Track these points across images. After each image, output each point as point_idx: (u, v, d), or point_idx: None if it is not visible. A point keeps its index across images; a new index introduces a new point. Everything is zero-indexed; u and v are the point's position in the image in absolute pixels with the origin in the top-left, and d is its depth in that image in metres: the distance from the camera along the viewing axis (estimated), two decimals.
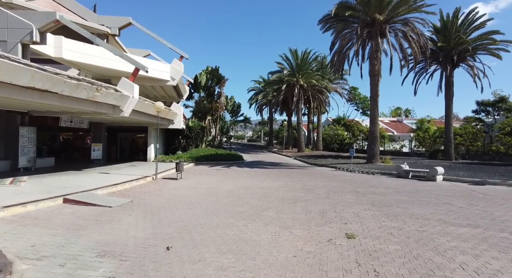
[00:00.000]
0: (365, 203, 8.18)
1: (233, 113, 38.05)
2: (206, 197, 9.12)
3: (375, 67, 18.92)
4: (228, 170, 17.03)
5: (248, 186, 11.22)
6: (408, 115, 68.51)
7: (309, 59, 31.82)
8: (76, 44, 15.58)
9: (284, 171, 17.17)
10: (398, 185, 11.68)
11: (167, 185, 11.50)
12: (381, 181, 13.07)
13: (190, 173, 15.55)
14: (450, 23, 21.13)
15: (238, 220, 6.40)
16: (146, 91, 25.30)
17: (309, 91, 32.18)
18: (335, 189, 10.64)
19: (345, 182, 12.64)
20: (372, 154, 19.58)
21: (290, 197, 9.15)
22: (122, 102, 12.66)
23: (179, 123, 21.38)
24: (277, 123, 76.47)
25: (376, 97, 19.38)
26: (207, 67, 31.26)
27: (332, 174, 15.60)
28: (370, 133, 19.94)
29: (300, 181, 12.89)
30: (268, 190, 10.35)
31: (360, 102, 42.24)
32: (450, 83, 22.52)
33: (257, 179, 13.43)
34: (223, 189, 10.51)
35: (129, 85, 12.93)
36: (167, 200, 8.67)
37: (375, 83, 19.17)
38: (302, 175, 15.25)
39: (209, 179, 13.16)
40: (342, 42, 19.15)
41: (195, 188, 10.81)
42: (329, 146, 37.44)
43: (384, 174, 15.43)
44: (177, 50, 21.30)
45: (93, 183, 10.51)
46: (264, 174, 15.50)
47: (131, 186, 11.00)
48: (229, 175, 14.87)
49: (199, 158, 21.52)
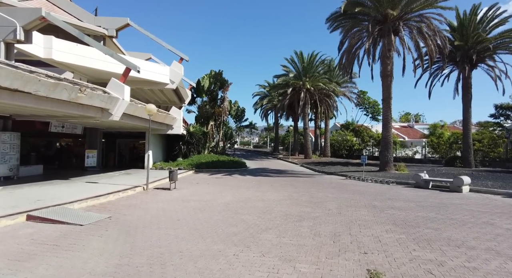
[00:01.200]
0: (386, 222, 6.79)
1: (237, 118, 36.93)
2: (197, 212, 7.85)
3: (388, 67, 17.56)
4: (228, 179, 15.76)
5: (248, 198, 9.92)
6: (418, 120, 66.43)
7: (315, 62, 30.60)
8: (68, 44, 14.70)
9: (290, 179, 15.81)
10: (419, 197, 10.21)
11: (157, 196, 10.28)
12: (399, 192, 11.60)
13: (186, 182, 14.33)
14: (468, 21, 19.68)
15: (228, 246, 5.10)
16: (146, 96, 24.39)
17: (316, 95, 30.87)
18: (347, 202, 9.24)
19: (358, 193, 11.22)
20: (385, 161, 18.07)
21: (295, 212, 7.81)
22: (111, 105, 11.59)
23: (178, 129, 20.28)
24: (283, 129, 75.09)
25: (389, 100, 17.97)
26: (211, 71, 30.34)
27: (343, 184, 14.18)
28: (383, 138, 18.47)
29: (307, 191, 11.52)
30: (270, 204, 9.03)
31: (370, 106, 40.63)
32: (468, 85, 20.96)
33: (259, 189, 12.11)
34: (219, 202, 9.23)
35: (119, 87, 11.87)
36: (152, 216, 7.43)
37: (387, 84, 17.79)
38: (309, 184, 13.87)
39: (205, 189, 11.91)
40: (352, 41, 17.88)
41: (188, 200, 9.56)
42: (337, 152, 35.88)
43: (400, 184, 13.94)
44: (177, 52, 20.36)
45: (73, 194, 9.36)
46: (268, 183, 14.18)
47: (116, 198, 9.81)
48: (229, 184, 13.59)
49: (199, 165, 20.33)
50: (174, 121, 19.95)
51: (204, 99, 30.06)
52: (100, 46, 11.97)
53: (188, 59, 20.55)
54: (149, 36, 19.96)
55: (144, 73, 18.21)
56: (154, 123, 17.61)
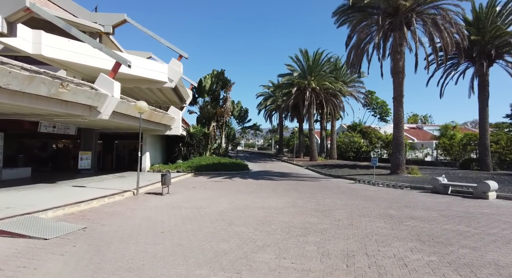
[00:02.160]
0: (408, 237, 5.66)
1: (240, 119, 35.90)
2: (186, 222, 6.81)
3: (399, 63, 16.38)
4: (228, 182, 14.71)
5: (246, 205, 8.85)
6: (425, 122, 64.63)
7: (321, 61, 29.46)
8: (59, 40, 13.87)
9: (294, 183, 14.69)
10: (440, 205, 9.02)
11: (146, 202, 9.28)
12: (415, 198, 10.40)
13: (182, 186, 13.33)
14: (485, 14, 18.39)
15: (214, 271, 4.05)
16: (145, 95, 23.54)
17: (321, 95, 29.71)
18: (359, 211, 8.11)
19: (369, 199, 10.06)
20: (397, 163, 16.84)
21: (298, 223, 6.72)
22: (99, 103, 10.67)
23: (177, 129, 19.33)
24: (288, 131, 73.93)
25: (401, 98, 16.76)
26: (213, 71, 29.43)
27: (352, 188, 13.01)
28: (394, 139, 17.25)
29: (312, 197, 10.40)
30: (271, 212, 7.94)
31: (378, 107, 39.23)
32: (484, 82, 19.63)
33: (260, 194, 11.03)
34: (213, 210, 8.18)
35: (108, 83, 10.96)
36: (133, 226, 6.42)
37: (399, 81, 16.59)
38: (315, 189, 12.74)
39: (201, 195, 10.87)
40: (360, 35, 16.75)
41: (179, 207, 8.53)
42: (343, 154, 34.57)
43: (415, 188, 12.72)
44: (176, 49, 19.47)
45: (52, 200, 8.41)
46: (270, 187, 13.09)
47: (100, 204, 8.84)
48: (228, 188, 12.53)
49: (198, 168, 19.33)
50: (173, 122, 19.01)
51: (206, 99, 29.15)
52: (89, 39, 11.07)
53: (187, 57, 19.65)
54: (147, 33, 19.12)
55: (140, 71, 17.40)
56: (150, 123, 16.71)
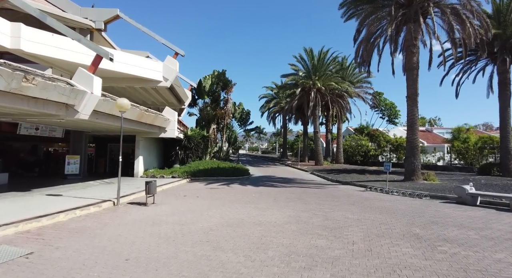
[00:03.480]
0: (453, 274, 4.19)
1: (241, 121, 34.58)
2: (161, 245, 5.44)
3: (413, 59, 14.91)
4: (225, 190, 13.32)
5: (240, 220, 7.44)
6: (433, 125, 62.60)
7: (326, 60, 28.06)
8: (42, 34, 12.68)
9: (298, 191, 13.24)
10: (475, 221, 7.50)
11: (124, 215, 7.93)
12: (440, 210, 8.87)
13: (173, 194, 11.97)
14: (507, 6, 16.88)
15: None
16: (141, 96, 22.36)
17: (327, 96, 28.26)
18: (376, 228, 6.64)
19: (386, 212, 8.57)
20: (412, 168, 15.28)
21: (302, 248, 5.29)
22: (76, 100, 9.42)
23: (172, 132, 18.06)
24: (292, 134, 72.34)
25: (415, 97, 15.25)
26: (214, 71, 28.23)
27: (363, 197, 11.51)
28: (409, 142, 15.71)
29: (319, 209, 8.95)
30: (269, 230, 6.53)
31: (386, 108, 37.59)
32: (506, 81, 18.02)
33: (259, 204, 9.61)
34: (199, 227, 6.79)
35: (87, 78, 9.73)
36: (94, 251, 5.06)
37: (413, 78, 15.10)
38: (321, 198, 11.27)
39: (191, 205, 9.49)
40: (370, 28, 15.32)
41: (160, 222, 7.16)
42: (350, 159, 32.98)
43: (435, 198, 11.17)
44: (172, 46, 18.29)
45: (9, 214, 7.14)
46: (271, 195, 11.66)
47: (69, 217, 7.51)
48: (223, 197, 11.13)
49: (195, 173, 17.99)
50: (167, 124, 17.74)
51: (205, 101, 27.90)
52: (66, 29, 9.87)
53: (184, 54, 18.44)
54: (141, 29, 18.01)
55: (132, 68, 16.17)
56: (142, 125, 15.45)
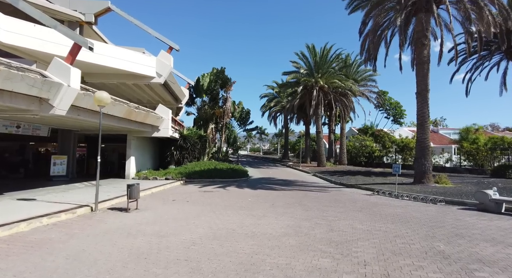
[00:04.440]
0: None
1: (241, 121, 33.55)
2: (129, 264, 4.39)
3: (424, 52, 13.80)
4: (220, 193, 12.27)
5: (230, 231, 6.39)
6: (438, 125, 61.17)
7: (329, 57, 26.96)
8: (23, 24, 11.75)
9: (299, 194, 12.16)
10: (508, 234, 6.38)
11: (98, 224, 6.90)
12: (462, 219, 7.76)
13: (162, 198, 10.94)
14: None
15: None
16: (135, 94, 21.44)
17: (330, 94, 27.16)
18: (391, 243, 5.56)
19: (399, 221, 7.48)
20: (423, 170, 14.14)
21: (302, 272, 4.23)
22: (50, 93, 8.43)
23: (165, 131, 17.04)
24: (294, 135, 71.25)
25: (426, 93, 14.13)
26: (213, 69, 27.25)
27: (371, 203, 10.41)
28: (419, 142, 14.58)
29: (322, 217, 7.88)
30: (262, 244, 5.47)
31: (391, 108, 36.38)
32: None
33: (254, 211, 8.56)
34: (181, 239, 5.76)
35: (63, 69, 8.74)
36: (41, 273, 4.03)
37: (423, 73, 13.99)
38: (324, 203, 10.19)
39: (178, 212, 8.45)
40: (377, 19, 14.23)
41: (137, 233, 6.13)
42: (354, 160, 31.81)
43: (451, 203, 10.06)
44: (166, 40, 17.31)
45: None
46: (268, 199, 10.60)
47: (32, 227, 6.50)
48: (215, 202, 10.08)
49: (190, 175, 16.97)
50: (160, 122, 16.74)
51: (204, 99, 26.91)
52: (37, 13, 8.86)
53: (178, 49, 17.45)
54: (133, 22, 17.04)
55: (123, 63, 15.19)
56: (132, 123, 14.46)
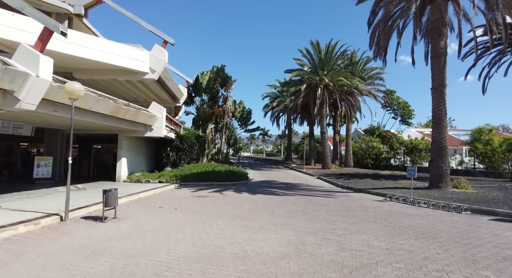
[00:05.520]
0: None
1: (242, 121, 32.33)
2: None
3: (441, 43, 12.50)
4: (214, 199, 11.06)
5: (217, 249, 5.18)
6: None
7: (335, 54, 25.68)
8: None
9: (302, 200, 10.90)
10: None
11: (60, 238, 5.74)
12: (501, 234, 6.43)
13: (147, 204, 9.75)
14: None
15: None
16: (130, 92, 20.38)
17: (335, 93, 25.86)
18: (423, 272, 4.29)
19: (424, 235, 6.20)
20: (439, 174, 12.79)
21: None
22: (15, 85, 7.32)
23: (159, 130, 15.90)
24: (298, 137, 69.80)
25: (443, 88, 12.82)
26: (213, 67, 26.10)
27: (385, 210, 9.12)
28: (435, 143, 13.24)
29: (330, 230, 6.63)
30: (255, 270, 4.24)
31: (399, 108, 34.89)
32: None
33: (250, 221, 7.34)
34: (153, 261, 4.56)
35: (31, 56, 7.65)
36: None
37: (440, 67, 12.69)
38: (332, 211, 8.93)
39: (161, 222, 7.26)
40: (388, 7, 12.96)
41: (102, 252, 4.95)
42: (360, 162, 30.44)
43: (479, 213, 8.72)
44: (160, 33, 16.22)
45: None
46: (268, 207, 9.37)
47: None
48: (207, 210, 8.87)
49: (185, 177, 15.80)
50: (154, 121, 15.60)
51: (203, 98, 25.79)
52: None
53: (173, 43, 16.34)
54: (126, 15, 16.00)
55: (114, 58, 14.08)
56: (122, 121, 13.34)
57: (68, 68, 15.46)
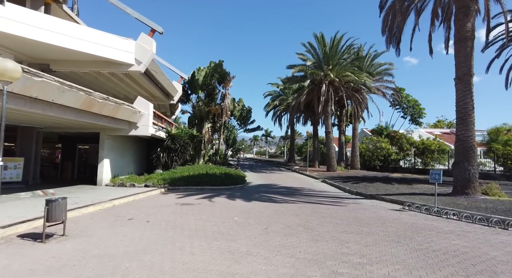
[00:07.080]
0: None
1: (242, 120, 30.67)
2: None
3: (467, 25, 10.68)
4: (201, 207, 9.34)
5: None
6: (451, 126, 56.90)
7: (340, 48, 23.88)
8: None
9: (305, 210, 9.13)
10: None
11: None
12: None
13: (116, 214, 8.06)
14: None
15: None
16: (118, 88, 18.80)
17: (341, 90, 24.03)
18: None
19: (476, 271, 4.43)
20: (466, 178, 10.92)
21: None
22: None
23: (145, 128, 14.26)
24: (302, 138, 67.89)
25: (469, 78, 11.00)
26: (210, 62, 24.50)
27: (408, 225, 7.32)
28: (459, 142, 11.40)
29: (341, 255, 4.88)
30: None
31: (409, 106, 32.87)
32: None
33: (236, 241, 5.62)
34: None
35: None
36: None
37: (466, 53, 10.87)
38: (342, 226, 7.15)
39: (121, 242, 5.56)
40: None
41: None
42: (367, 164, 28.53)
43: None
44: (147, 21, 14.65)
45: None
46: (262, 219, 7.63)
47: None
48: (185, 223, 7.16)
49: (175, 181, 14.15)
50: (138, 118, 13.97)
51: (200, 95, 24.16)
52: None
53: (162, 31, 14.73)
54: (109, 0, 14.47)
55: (95, 47, 12.44)
56: (99, 118, 11.72)
57: (44, 59, 13.94)
